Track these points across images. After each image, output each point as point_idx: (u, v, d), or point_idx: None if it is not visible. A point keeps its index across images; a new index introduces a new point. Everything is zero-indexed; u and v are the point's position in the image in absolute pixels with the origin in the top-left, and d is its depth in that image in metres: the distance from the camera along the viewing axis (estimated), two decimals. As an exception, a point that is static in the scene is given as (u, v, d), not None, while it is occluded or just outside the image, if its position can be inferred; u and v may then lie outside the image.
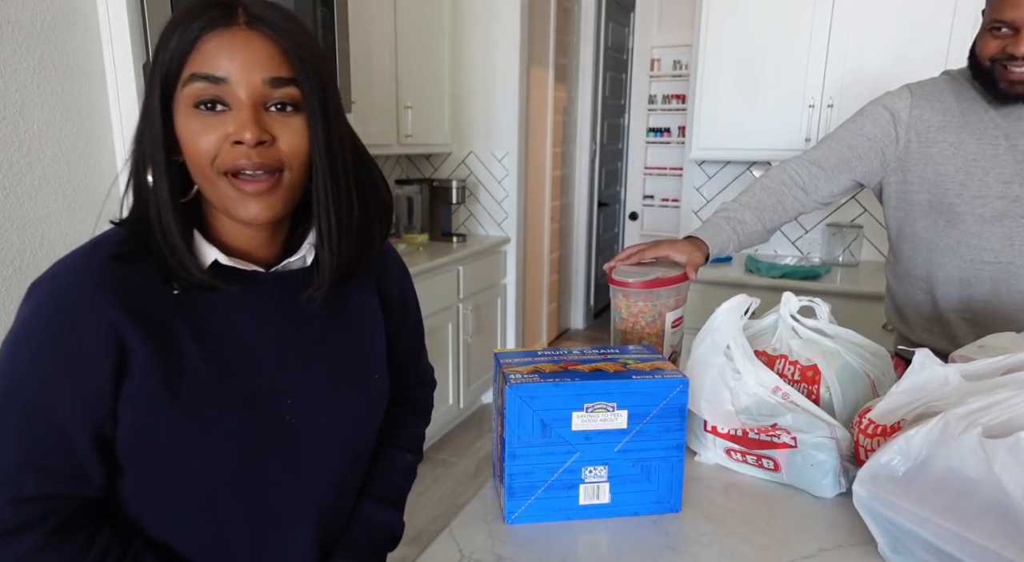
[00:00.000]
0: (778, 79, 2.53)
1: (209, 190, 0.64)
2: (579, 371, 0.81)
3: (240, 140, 0.61)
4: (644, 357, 0.88)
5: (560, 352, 0.87)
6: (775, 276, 2.48)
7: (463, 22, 3.16)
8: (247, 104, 0.61)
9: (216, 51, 0.60)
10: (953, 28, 2.28)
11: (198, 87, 0.61)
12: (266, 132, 0.62)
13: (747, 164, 2.93)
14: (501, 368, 0.82)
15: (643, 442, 0.81)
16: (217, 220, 0.69)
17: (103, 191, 1.54)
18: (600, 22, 4.15)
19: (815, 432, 0.89)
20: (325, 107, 0.65)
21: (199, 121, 0.61)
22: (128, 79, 1.48)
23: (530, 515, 0.82)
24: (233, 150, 0.61)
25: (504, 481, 0.81)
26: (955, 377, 0.79)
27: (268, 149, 0.62)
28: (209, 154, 0.61)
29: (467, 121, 3.28)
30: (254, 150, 0.61)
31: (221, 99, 0.61)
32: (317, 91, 0.64)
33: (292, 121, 0.64)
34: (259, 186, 0.63)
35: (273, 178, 0.63)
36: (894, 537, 0.74)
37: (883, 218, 1.40)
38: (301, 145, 0.64)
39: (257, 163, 0.62)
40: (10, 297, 1.37)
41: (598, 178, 4.51)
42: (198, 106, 0.61)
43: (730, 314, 0.97)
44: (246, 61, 0.60)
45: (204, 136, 0.61)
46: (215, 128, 0.61)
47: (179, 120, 0.62)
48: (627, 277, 1.12)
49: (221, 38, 0.60)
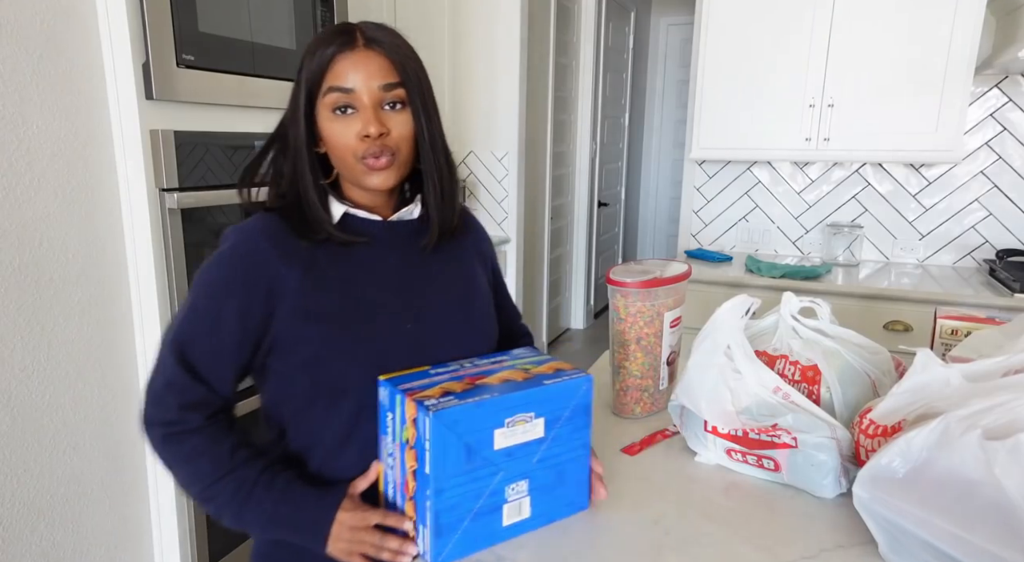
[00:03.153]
0: (778, 79, 2.53)
1: (347, 170, 0.86)
2: (489, 385, 0.77)
3: (368, 134, 0.81)
4: (537, 359, 0.87)
5: (452, 368, 0.83)
6: (775, 276, 2.48)
7: (463, 22, 3.16)
8: (369, 106, 0.82)
9: (345, 69, 0.81)
10: (954, 28, 2.28)
11: (334, 97, 0.82)
12: (384, 125, 0.83)
13: (747, 164, 2.93)
14: (407, 395, 0.75)
15: (558, 447, 0.80)
16: (349, 190, 0.91)
17: (102, 191, 1.54)
18: (600, 22, 4.14)
19: (816, 432, 0.88)
20: (424, 103, 0.86)
21: (339, 123, 0.83)
22: (127, 79, 1.48)
23: (458, 551, 0.76)
24: (363, 143, 0.83)
25: (429, 521, 0.74)
26: (956, 378, 0.79)
27: (387, 138, 0.83)
28: (349, 147, 0.83)
29: (467, 121, 3.28)
30: (378, 140, 0.82)
31: (351, 104, 0.82)
32: (418, 91, 0.85)
33: (401, 116, 0.84)
34: (381, 164, 0.84)
35: (390, 158, 0.84)
36: (894, 538, 0.73)
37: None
38: (408, 132, 0.85)
39: (380, 148, 0.83)
40: (10, 297, 1.37)
41: (598, 178, 4.50)
42: (335, 111, 0.83)
43: (731, 314, 0.96)
44: (367, 74, 0.82)
45: (343, 134, 0.83)
46: (350, 127, 0.83)
47: (323, 123, 0.84)
48: (625, 277, 1.12)
49: (347, 59, 0.82)
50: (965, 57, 2.28)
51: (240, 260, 0.83)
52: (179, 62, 1.52)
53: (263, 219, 0.86)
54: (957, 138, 2.35)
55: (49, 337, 1.45)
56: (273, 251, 0.83)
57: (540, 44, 3.57)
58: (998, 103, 2.53)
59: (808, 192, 2.87)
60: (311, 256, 0.85)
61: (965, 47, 2.28)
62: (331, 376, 0.83)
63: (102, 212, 1.54)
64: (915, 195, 2.71)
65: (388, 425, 0.79)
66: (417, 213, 0.94)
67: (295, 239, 0.85)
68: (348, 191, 0.92)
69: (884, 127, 2.42)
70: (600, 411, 1.20)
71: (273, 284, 0.82)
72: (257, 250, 0.83)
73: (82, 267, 1.51)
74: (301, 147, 0.85)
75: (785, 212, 2.92)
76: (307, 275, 0.84)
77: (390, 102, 0.84)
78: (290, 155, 0.86)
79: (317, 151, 0.87)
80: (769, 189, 2.93)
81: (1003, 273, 2.34)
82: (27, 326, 1.41)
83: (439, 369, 0.83)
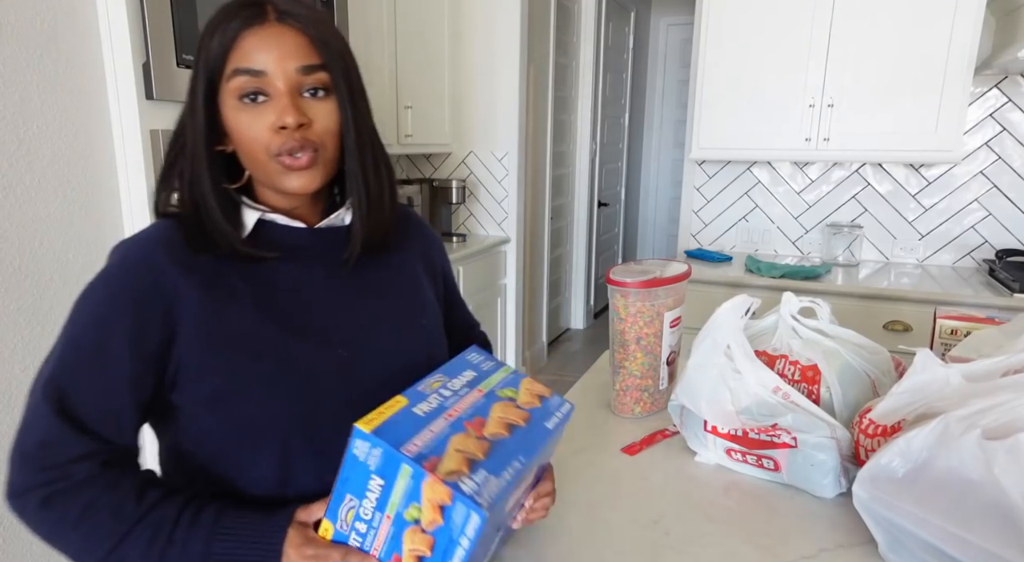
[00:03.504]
0: (778, 79, 2.53)
1: (259, 171, 0.73)
2: (502, 439, 0.65)
3: (284, 125, 0.68)
4: (503, 376, 0.75)
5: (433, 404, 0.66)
6: (775, 276, 2.48)
7: (463, 22, 3.16)
8: (284, 92, 0.69)
9: (254, 48, 0.68)
10: (954, 28, 2.28)
11: (241, 81, 0.68)
12: (304, 115, 0.70)
13: (747, 164, 2.93)
14: (428, 471, 0.57)
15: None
16: (264, 194, 0.77)
17: (102, 191, 1.54)
18: (600, 22, 4.14)
19: (815, 432, 0.88)
20: (351, 89, 0.73)
21: (246, 113, 0.69)
22: (128, 79, 1.48)
23: None
24: (279, 135, 0.69)
25: None
26: (956, 378, 0.79)
27: (308, 130, 0.70)
28: (261, 141, 0.70)
29: (467, 121, 3.28)
30: (296, 131, 0.69)
31: (262, 90, 0.69)
32: (343, 75, 0.72)
33: (324, 104, 0.72)
34: (301, 162, 0.71)
35: (312, 155, 0.71)
36: (894, 537, 0.73)
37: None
38: (334, 125, 0.72)
39: (300, 143, 0.70)
40: (10, 297, 1.37)
41: (598, 178, 4.51)
42: (242, 99, 0.69)
43: (731, 314, 0.97)
44: (280, 54, 0.68)
45: (252, 126, 0.69)
46: (260, 118, 0.69)
47: (227, 114, 0.70)
48: (625, 277, 1.12)
49: (257, 35, 0.68)
50: (965, 57, 2.28)
51: (130, 274, 0.68)
52: (179, 62, 1.52)
53: (159, 227, 0.72)
54: (957, 138, 2.35)
55: (49, 337, 1.45)
56: (170, 262, 0.69)
57: (540, 44, 3.57)
58: (998, 103, 2.53)
59: (808, 192, 2.87)
60: (216, 269, 0.71)
61: (965, 47, 2.28)
62: (246, 414, 0.69)
63: (102, 212, 1.54)
64: (915, 195, 2.71)
65: (371, 491, 0.61)
66: (349, 218, 0.80)
67: (195, 251, 0.71)
68: (263, 195, 0.77)
69: (884, 127, 2.42)
70: (600, 411, 1.21)
71: (172, 302, 0.68)
72: (151, 261, 0.68)
73: (82, 267, 1.51)
74: (199, 144, 0.71)
75: (785, 212, 2.92)
76: (211, 292, 0.70)
77: (311, 88, 0.70)
78: (187, 154, 0.72)
79: (223, 149, 0.74)
80: (769, 189, 2.93)
81: (1002, 273, 2.34)
82: (27, 326, 1.41)
83: (420, 404, 0.65)
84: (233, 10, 0.69)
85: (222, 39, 0.68)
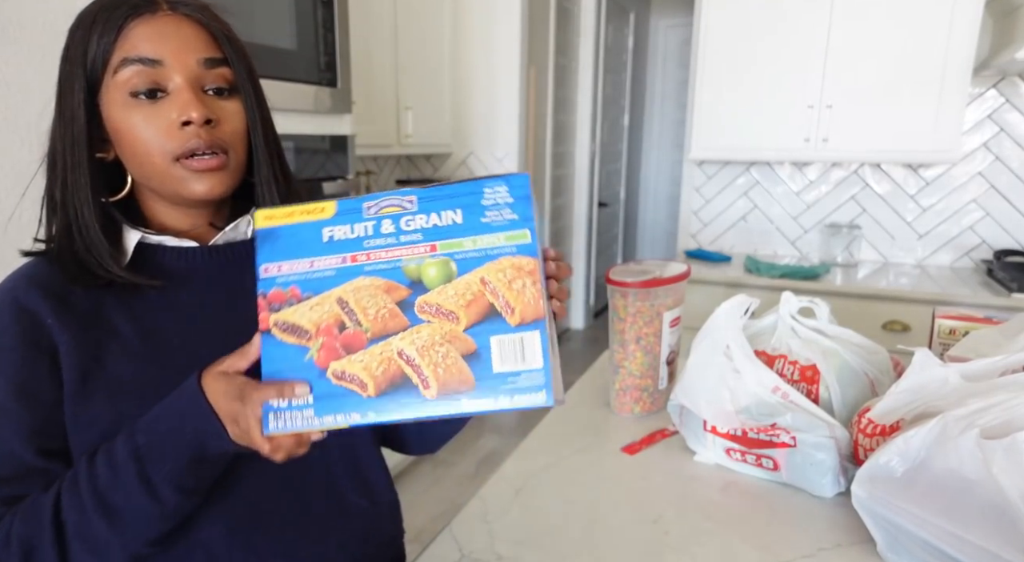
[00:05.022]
0: (778, 79, 2.54)
1: (154, 178, 0.63)
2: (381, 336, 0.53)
3: (188, 120, 0.60)
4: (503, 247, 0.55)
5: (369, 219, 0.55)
6: (774, 276, 2.49)
7: (463, 22, 3.16)
8: (186, 86, 0.60)
9: (146, 36, 0.60)
10: (952, 29, 2.28)
11: (132, 71, 0.59)
12: (212, 111, 0.62)
13: (746, 164, 2.94)
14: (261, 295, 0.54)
15: None
16: (153, 212, 0.67)
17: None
18: (600, 22, 4.15)
19: (814, 432, 0.89)
20: (256, 91, 0.66)
21: (139, 111, 0.60)
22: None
23: None
24: (182, 133, 0.60)
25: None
26: (954, 378, 0.79)
27: (215, 129, 0.62)
28: (156, 142, 0.60)
29: (467, 121, 3.28)
30: (203, 129, 0.61)
31: (158, 84, 0.60)
32: (247, 74, 0.65)
33: (229, 104, 0.64)
34: (210, 164, 0.62)
35: (222, 158, 0.63)
36: (893, 537, 0.74)
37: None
38: (241, 126, 0.65)
39: (208, 142, 0.61)
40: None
41: (598, 178, 4.51)
42: (136, 95, 0.60)
43: (730, 314, 0.97)
44: (179, 44, 0.60)
45: (148, 125, 0.60)
46: (157, 116, 0.60)
47: (113, 113, 0.61)
48: (625, 277, 1.12)
49: (149, 24, 0.60)
50: (963, 58, 2.29)
51: (4, 317, 0.60)
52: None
53: (30, 265, 0.64)
54: (955, 139, 2.35)
55: None
56: (43, 302, 0.60)
57: (540, 45, 3.58)
58: (996, 104, 2.54)
59: (807, 192, 2.87)
60: (95, 305, 0.62)
61: (963, 48, 2.28)
62: None
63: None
64: (913, 196, 2.71)
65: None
66: (251, 231, 0.70)
67: (69, 285, 0.62)
68: (151, 212, 0.67)
69: (882, 128, 2.43)
70: (600, 410, 1.21)
71: (53, 346, 0.60)
72: (26, 302, 0.60)
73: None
74: (78, 150, 0.61)
75: (784, 212, 2.93)
76: (88, 333, 0.61)
77: (213, 86, 0.62)
78: (59, 168, 0.62)
79: (104, 157, 0.64)
80: (768, 189, 2.93)
81: (1000, 273, 2.35)
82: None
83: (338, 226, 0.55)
84: (115, 1, 0.60)
85: (105, 28, 0.59)
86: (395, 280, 0.53)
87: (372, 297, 0.53)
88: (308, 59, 1.87)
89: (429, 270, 0.52)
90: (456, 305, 0.52)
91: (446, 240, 0.53)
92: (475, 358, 0.52)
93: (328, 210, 0.55)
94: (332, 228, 0.55)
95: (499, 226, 0.52)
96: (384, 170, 3.18)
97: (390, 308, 0.53)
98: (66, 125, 0.62)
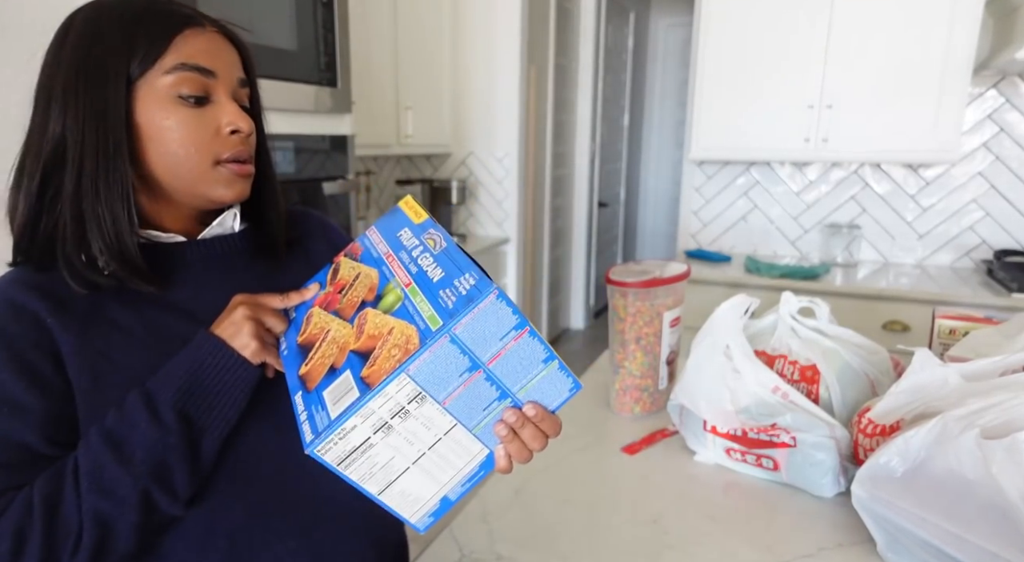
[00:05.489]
0: (777, 80, 2.54)
1: (187, 176, 0.65)
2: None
3: (238, 130, 0.65)
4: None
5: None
6: (775, 276, 2.49)
7: (463, 22, 3.16)
8: (230, 99, 0.66)
9: (203, 48, 0.63)
10: (952, 29, 2.28)
11: (187, 77, 0.62)
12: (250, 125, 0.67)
13: (746, 164, 2.94)
14: None
15: None
16: (147, 208, 0.67)
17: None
18: (600, 22, 4.15)
19: (814, 432, 0.89)
20: (262, 110, 0.73)
21: (183, 112, 0.63)
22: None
23: None
24: (230, 139, 0.65)
25: None
26: (954, 378, 0.80)
27: (249, 139, 0.68)
28: (202, 144, 0.64)
29: (467, 121, 3.28)
30: (248, 139, 0.67)
31: (209, 93, 0.64)
32: (258, 96, 0.72)
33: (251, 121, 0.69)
34: (248, 170, 0.68)
35: (251, 166, 0.69)
36: (893, 537, 0.74)
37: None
38: (255, 140, 0.70)
39: (247, 151, 0.68)
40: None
41: (598, 178, 4.51)
42: (186, 98, 0.62)
43: (730, 314, 0.97)
44: (228, 62, 0.66)
45: (195, 127, 0.63)
46: (203, 120, 0.64)
47: (150, 109, 0.62)
48: (625, 277, 1.12)
49: (200, 37, 0.63)
50: (963, 58, 2.29)
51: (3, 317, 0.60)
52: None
53: (14, 272, 0.64)
54: (955, 138, 2.35)
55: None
56: (41, 302, 0.60)
57: (540, 45, 3.58)
58: (995, 104, 2.54)
59: (807, 192, 2.88)
60: (92, 304, 0.62)
61: (963, 48, 2.28)
62: None
63: None
64: (913, 196, 2.71)
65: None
66: (239, 226, 0.73)
67: (65, 288, 0.61)
68: (155, 215, 0.68)
69: (882, 128, 2.43)
70: (600, 410, 1.21)
71: (55, 346, 0.60)
72: (24, 302, 0.60)
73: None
74: (116, 145, 0.61)
75: (784, 212, 2.93)
76: (90, 331, 0.62)
77: (241, 104, 0.68)
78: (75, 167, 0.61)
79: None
80: (768, 190, 2.93)
81: (1001, 273, 2.35)
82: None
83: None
84: (161, 6, 0.62)
85: (160, 30, 0.61)
86: (380, 283, 0.63)
87: (362, 284, 0.65)
88: (308, 59, 1.87)
89: (389, 295, 0.61)
90: (369, 329, 0.59)
91: (416, 285, 0.60)
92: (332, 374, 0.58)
93: (422, 217, 0.65)
94: (408, 231, 0.66)
95: (439, 304, 0.56)
96: (384, 170, 3.18)
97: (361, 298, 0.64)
98: (90, 118, 0.60)
